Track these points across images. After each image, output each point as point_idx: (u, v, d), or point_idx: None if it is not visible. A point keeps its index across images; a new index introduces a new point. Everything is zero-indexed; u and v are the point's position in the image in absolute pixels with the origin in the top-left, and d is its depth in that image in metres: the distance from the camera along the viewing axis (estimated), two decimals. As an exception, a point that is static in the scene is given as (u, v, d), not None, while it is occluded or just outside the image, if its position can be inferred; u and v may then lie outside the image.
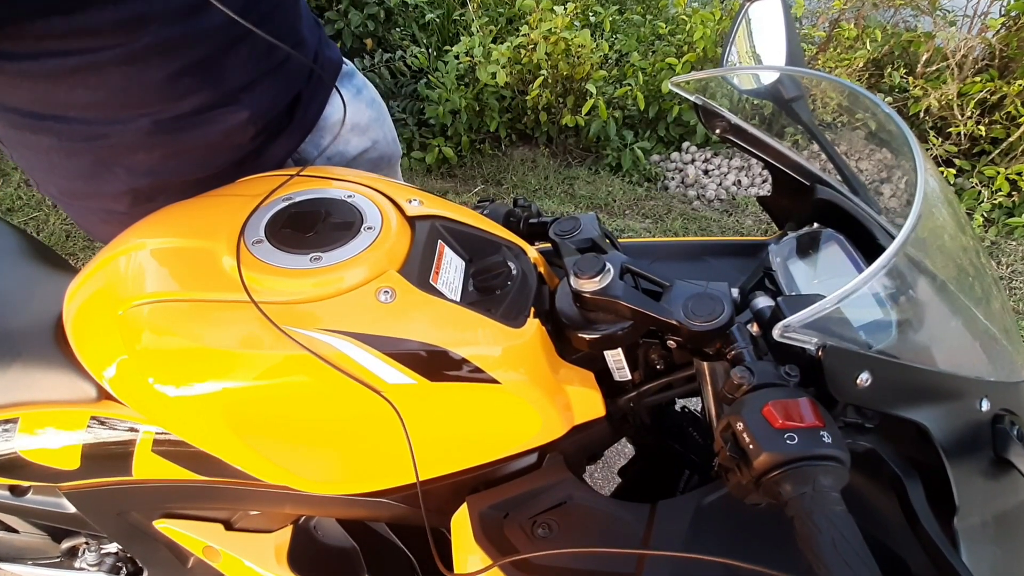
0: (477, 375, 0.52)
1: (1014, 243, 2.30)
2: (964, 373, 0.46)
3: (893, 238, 0.40)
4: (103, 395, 0.60)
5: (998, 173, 2.30)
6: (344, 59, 0.89)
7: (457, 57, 2.59)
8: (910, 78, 2.52)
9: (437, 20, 2.87)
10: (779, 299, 0.47)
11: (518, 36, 2.51)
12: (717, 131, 0.68)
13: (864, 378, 0.41)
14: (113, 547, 0.85)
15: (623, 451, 1.58)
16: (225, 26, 0.64)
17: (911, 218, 0.40)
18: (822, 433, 0.38)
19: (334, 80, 0.85)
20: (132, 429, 0.61)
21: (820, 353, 0.40)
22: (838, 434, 0.38)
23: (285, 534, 0.67)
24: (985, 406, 0.47)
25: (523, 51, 2.50)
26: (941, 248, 0.52)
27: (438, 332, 0.52)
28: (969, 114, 2.38)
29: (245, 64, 0.70)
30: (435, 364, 0.51)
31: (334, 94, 0.85)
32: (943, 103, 2.41)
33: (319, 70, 0.81)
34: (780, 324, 0.40)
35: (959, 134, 2.43)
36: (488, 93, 2.61)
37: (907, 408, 0.43)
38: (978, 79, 2.39)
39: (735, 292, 0.52)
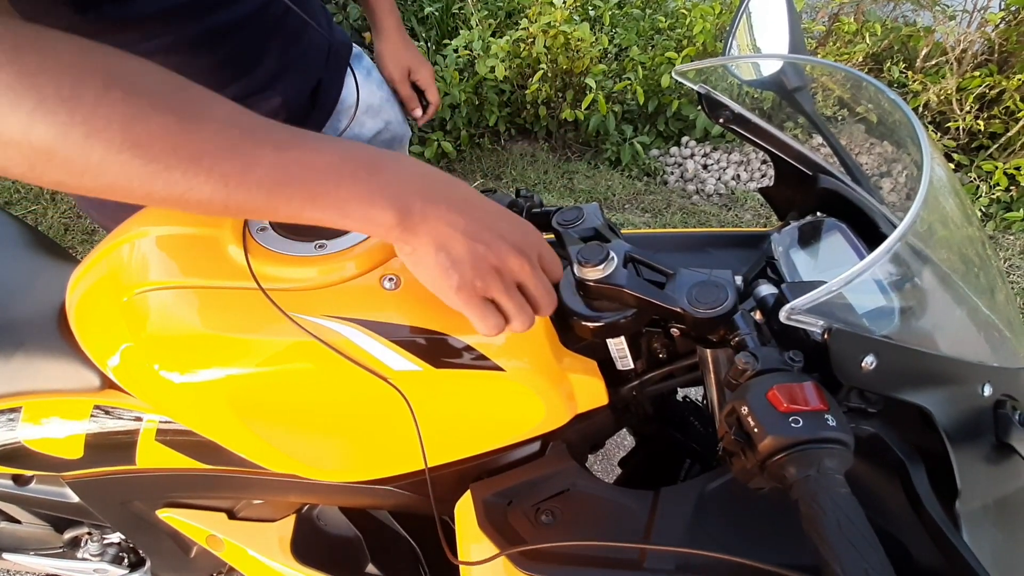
0: (481, 362, 0.52)
1: (1012, 237, 2.30)
2: (967, 358, 0.47)
3: (896, 227, 0.40)
4: (107, 384, 0.60)
5: (996, 168, 2.30)
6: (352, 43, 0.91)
7: (456, 51, 2.57)
8: (909, 73, 2.52)
9: (436, 14, 2.86)
10: (783, 286, 0.47)
11: (517, 30, 2.50)
12: (720, 120, 0.67)
13: (869, 361, 0.41)
14: (116, 537, 0.86)
15: (623, 444, 1.59)
16: (260, 14, 0.66)
17: (917, 202, 0.40)
18: (826, 416, 0.38)
19: (347, 62, 0.86)
20: (136, 418, 0.61)
21: (826, 336, 0.41)
22: (842, 417, 0.39)
23: (289, 523, 0.67)
24: (987, 391, 0.47)
25: (522, 45, 2.50)
26: (946, 237, 0.52)
27: (442, 319, 0.52)
28: (968, 109, 2.39)
29: (277, 52, 0.72)
30: (439, 351, 0.51)
31: (347, 77, 0.86)
32: (942, 98, 2.42)
33: (338, 48, 0.83)
34: (786, 307, 0.40)
35: (958, 129, 2.43)
36: (487, 87, 2.61)
37: (911, 392, 0.44)
38: (977, 74, 2.40)
39: (739, 280, 0.52)
